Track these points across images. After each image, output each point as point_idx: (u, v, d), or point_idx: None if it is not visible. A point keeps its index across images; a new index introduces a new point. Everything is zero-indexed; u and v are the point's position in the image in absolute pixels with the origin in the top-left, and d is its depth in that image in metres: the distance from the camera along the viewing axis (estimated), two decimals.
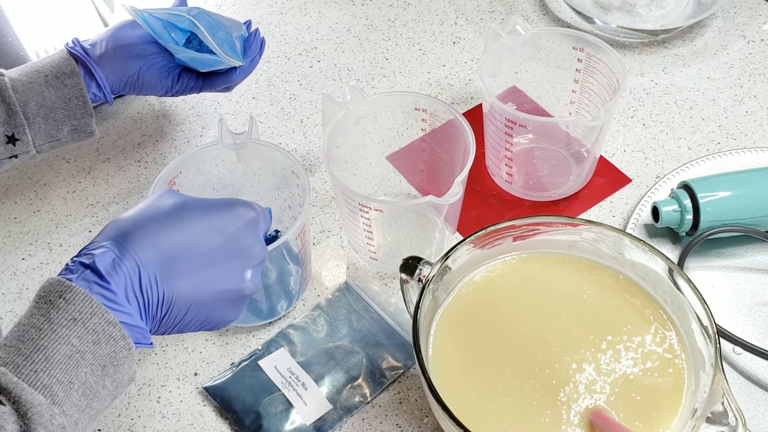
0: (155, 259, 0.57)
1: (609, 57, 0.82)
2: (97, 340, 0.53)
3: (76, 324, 0.53)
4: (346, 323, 0.78)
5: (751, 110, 0.94)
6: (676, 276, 0.67)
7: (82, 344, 0.53)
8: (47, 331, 0.53)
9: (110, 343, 0.54)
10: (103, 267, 0.55)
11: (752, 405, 0.72)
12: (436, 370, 0.66)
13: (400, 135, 0.89)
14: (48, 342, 0.52)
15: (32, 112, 0.77)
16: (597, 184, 0.88)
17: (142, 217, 0.59)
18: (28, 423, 0.50)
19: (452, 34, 1.04)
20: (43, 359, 0.52)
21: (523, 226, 0.71)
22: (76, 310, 0.53)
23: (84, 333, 0.53)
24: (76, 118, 0.79)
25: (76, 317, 0.53)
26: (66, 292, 0.53)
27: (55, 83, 0.77)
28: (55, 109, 0.78)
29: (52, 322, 0.53)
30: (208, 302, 0.59)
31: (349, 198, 0.74)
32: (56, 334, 0.53)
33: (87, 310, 0.53)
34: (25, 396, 0.50)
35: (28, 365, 0.52)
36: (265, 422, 0.71)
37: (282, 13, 1.08)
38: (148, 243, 0.57)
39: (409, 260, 0.69)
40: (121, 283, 0.55)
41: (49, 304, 0.53)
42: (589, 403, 0.64)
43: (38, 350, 0.52)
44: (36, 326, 0.53)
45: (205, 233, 0.59)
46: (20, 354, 0.52)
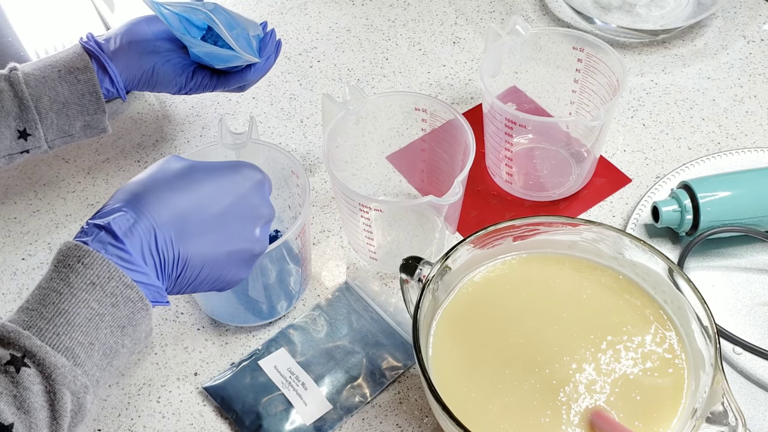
0: (169, 220, 0.59)
1: (609, 57, 0.82)
2: (116, 302, 0.55)
3: (95, 288, 0.55)
4: (346, 323, 0.78)
5: (751, 110, 0.94)
6: (676, 276, 0.67)
7: (101, 307, 0.55)
8: (67, 295, 0.54)
9: (128, 305, 0.56)
10: (118, 229, 0.57)
11: (752, 405, 0.72)
12: (436, 370, 0.66)
13: (400, 135, 0.89)
14: (68, 306, 0.54)
15: (45, 107, 0.76)
16: (597, 184, 0.88)
17: (153, 180, 0.60)
18: (52, 384, 0.53)
19: (452, 34, 1.04)
20: (64, 322, 0.54)
21: (523, 226, 0.71)
22: (95, 274, 0.55)
23: (103, 296, 0.55)
24: (89, 114, 0.79)
25: (95, 281, 0.55)
26: (84, 257, 0.55)
27: (69, 78, 0.77)
28: (68, 104, 0.77)
29: (71, 286, 0.55)
30: (220, 261, 0.62)
31: (349, 198, 0.74)
32: (76, 298, 0.54)
33: (105, 274, 0.55)
34: (49, 358, 0.52)
35: (51, 328, 0.53)
36: (265, 422, 0.71)
37: (282, 13, 1.08)
38: (162, 204, 0.59)
39: (409, 260, 0.69)
40: (137, 244, 0.57)
41: (68, 269, 0.55)
42: (589, 403, 0.64)
43: (60, 314, 0.54)
44: (56, 290, 0.55)
45: (215, 194, 0.61)
46: (42, 317, 0.54)
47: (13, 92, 0.75)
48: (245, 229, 0.63)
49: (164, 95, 0.98)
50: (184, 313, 0.80)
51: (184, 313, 0.80)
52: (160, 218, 0.58)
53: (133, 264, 0.56)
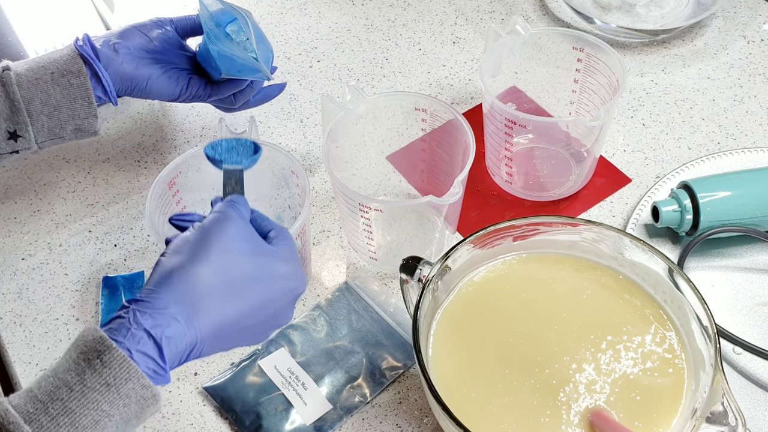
0: (209, 336, 0.58)
1: (609, 57, 0.82)
2: (128, 402, 0.54)
3: (109, 389, 0.53)
4: (346, 323, 0.78)
5: (751, 110, 0.94)
6: (676, 276, 0.67)
7: (111, 408, 0.53)
8: (78, 393, 0.53)
9: (140, 403, 0.55)
10: (168, 349, 0.56)
11: (752, 405, 0.72)
12: (436, 370, 0.66)
13: (400, 135, 0.89)
14: (76, 406, 0.53)
15: (36, 109, 0.75)
16: (597, 184, 0.88)
17: (216, 289, 0.59)
18: None
19: (452, 34, 1.04)
20: (68, 423, 0.52)
21: (523, 226, 0.71)
22: (111, 375, 0.53)
23: (116, 398, 0.54)
24: (80, 119, 0.78)
25: (110, 382, 0.53)
26: (104, 353, 0.54)
27: (62, 82, 0.76)
28: (60, 108, 0.76)
29: (84, 385, 0.53)
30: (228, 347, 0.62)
31: (349, 198, 0.74)
32: (86, 398, 0.53)
33: (123, 375, 0.54)
34: None
35: (53, 428, 0.52)
36: (265, 422, 0.71)
37: (282, 13, 1.08)
38: (211, 321, 0.58)
39: (409, 260, 0.69)
40: (174, 357, 0.56)
41: (87, 363, 0.54)
42: (589, 403, 0.64)
43: (65, 413, 0.52)
44: (68, 385, 0.53)
45: (258, 307, 0.61)
46: (47, 414, 0.52)
47: (5, 93, 0.74)
48: (265, 332, 0.63)
49: None
50: None
51: None
52: (202, 335, 0.58)
53: (161, 376, 0.56)
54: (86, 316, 0.80)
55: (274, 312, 0.62)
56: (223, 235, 0.61)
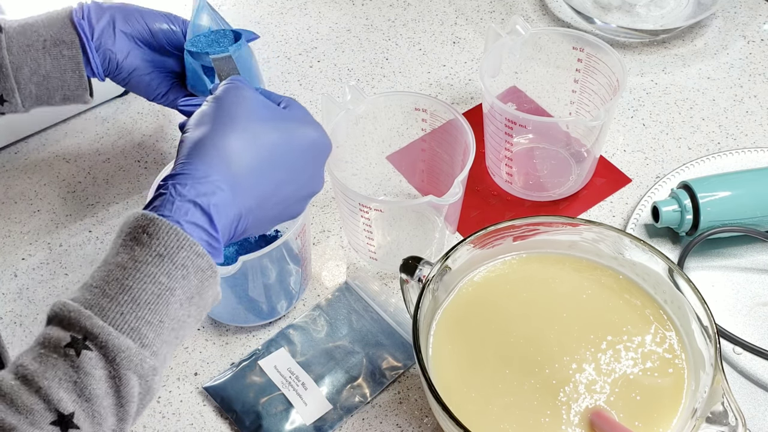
0: (253, 206, 0.58)
1: (609, 57, 0.82)
2: (186, 274, 0.52)
3: (163, 260, 0.51)
4: (346, 323, 0.78)
5: (751, 110, 0.94)
6: (676, 276, 0.67)
7: (170, 281, 0.51)
8: (132, 270, 0.51)
9: (198, 274, 0.53)
10: (218, 218, 0.55)
11: (752, 405, 0.72)
12: (436, 370, 0.66)
13: (400, 135, 0.89)
14: (133, 282, 0.51)
15: (24, 77, 0.73)
16: (597, 184, 0.88)
17: (251, 155, 0.58)
18: (117, 368, 0.49)
19: (452, 34, 1.04)
20: (129, 300, 0.50)
21: (523, 226, 0.71)
22: (162, 245, 0.51)
23: (172, 269, 0.51)
24: (69, 89, 0.76)
25: (162, 252, 0.51)
26: (149, 226, 0.52)
27: (53, 51, 0.73)
28: (49, 77, 0.74)
29: (136, 261, 0.51)
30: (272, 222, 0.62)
31: (349, 198, 0.74)
32: (141, 273, 0.51)
33: (174, 244, 0.52)
34: (113, 340, 0.49)
35: (114, 308, 0.50)
36: (265, 422, 0.71)
37: (282, 13, 1.08)
38: (251, 189, 0.57)
39: (409, 260, 0.69)
40: (224, 227, 0.56)
41: (134, 241, 0.52)
42: (589, 403, 0.64)
43: (124, 291, 0.50)
44: (121, 265, 0.51)
45: (292, 174, 0.61)
46: (105, 296, 0.50)
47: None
48: (301, 200, 0.64)
49: None
50: None
51: None
52: (246, 203, 0.57)
53: (215, 249, 0.55)
54: None
55: (308, 177, 0.62)
56: (243, 103, 0.59)
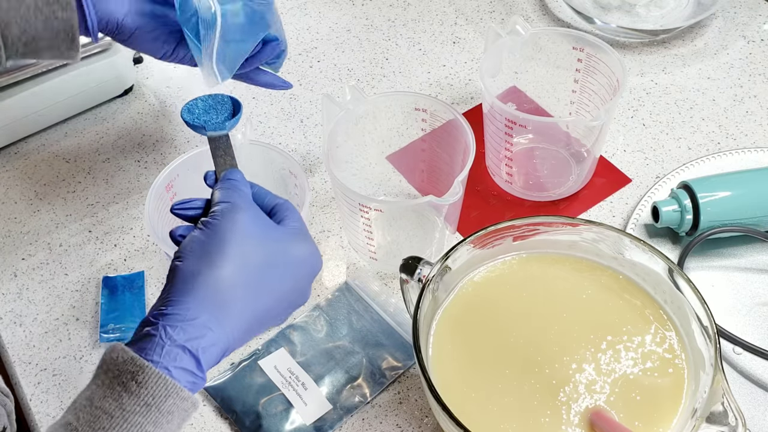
0: (240, 335, 0.57)
1: (609, 57, 0.82)
2: (171, 419, 0.53)
3: (150, 409, 0.52)
4: (346, 323, 0.78)
5: (751, 110, 0.94)
6: (676, 276, 0.67)
7: (155, 428, 0.52)
8: (119, 419, 0.51)
9: (181, 415, 0.53)
10: (205, 359, 0.54)
11: (752, 405, 0.72)
12: (436, 370, 0.66)
13: (400, 135, 0.89)
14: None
15: (12, 36, 0.67)
16: (597, 184, 0.88)
17: (242, 291, 0.57)
18: None
19: (452, 34, 1.04)
20: None
21: (523, 226, 0.71)
22: (150, 395, 0.52)
23: (158, 416, 0.52)
24: (59, 51, 0.70)
25: (150, 402, 0.52)
26: (138, 373, 0.52)
27: (45, 11, 0.67)
28: (39, 38, 0.68)
29: (124, 410, 0.51)
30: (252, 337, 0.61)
31: (349, 198, 0.74)
32: (128, 423, 0.51)
33: (161, 392, 0.52)
34: None
35: None
36: (265, 422, 0.71)
37: (282, 13, 1.07)
38: (240, 321, 0.57)
39: (409, 260, 0.69)
40: (210, 365, 0.55)
41: (122, 387, 0.52)
42: (589, 403, 0.64)
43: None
44: (108, 413, 0.51)
45: (281, 297, 0.60)
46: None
47: None
48: (285, 315, 0.63)
49: (165, 97, 0.98)
50: None
51: None
52: (234, 335, 0.57)
53: (198, 385, 0.55)
54: (86, 316, 0.80)
55: (296, 295, 0.62)
56: (237, 230, 0.59)
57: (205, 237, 0.58)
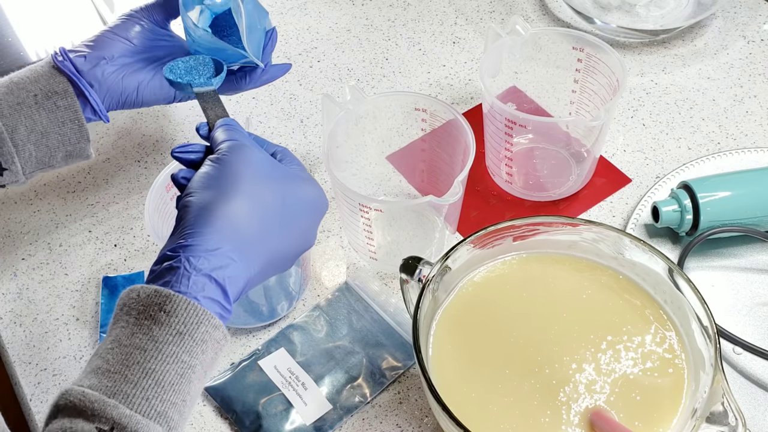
0: (259, 268, 0.58)
1: (609, 57, 0.82)
2: (205, 349, 0.51)
3: (183, 338, 0.50)
4: (346, 323, 0.78)
5: (751, 110, 0.94)
6: (676, 276, 0.67)
7: (191, 358, 0.50)
8: (153, 351, 0.49)
9: (214, 346, 0.52)
10: (231, 290, 0.54)
11: (752, 405, 0.72)
12: (436, 370, 0.66)
13: (400, 135, 0.89)
14: (156, 364, 0.49)
15: (21, 138, 0.68)
16: (597, 184, 0.88)
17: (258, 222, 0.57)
18: None
19: (452, 34, 1.04)
20: (153, 384, 0.49)
21: (523, 226, 0.71)
22: (181, 323, 0.50)
23: (193, 345, 0.51)
24: (71, 144, 0.72)
25: (182, 330, 0.50)
26: (165, 304, 0.50)
27: (47, 104, 0.69)
28: (48, 134, 0.70)
29: (156, 341, 0.50)
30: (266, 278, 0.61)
31: (349, 198, 0.74)
32: (163, 354, 0.49)
33: (193, 320, 0.51)
34: (142, 429, 0.47)
35: (139, 393, 0.48)
36: (265, 422, 0.71)
37: (282, 13, 1.08)
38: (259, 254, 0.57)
39: (409, 260, 0.69)
40: (235, 298, 0.55)
41: (151, 320, 0.50)
42: (589, 403, 0.64)
43: (147, 375, 0.49)
44: (140, 347, 0.49)
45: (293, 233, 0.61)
46: (128, 381, 0.48)
47: None
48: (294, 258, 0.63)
49: None
50: None
51: None
52: (255, 268, 0.57)
53: (225, 318, 0.54)
54: (86, 316, 0.80)
55: (306, 235, 0.62)
56: (248, 164, 0.58)
57: (217, 172, 0.58)
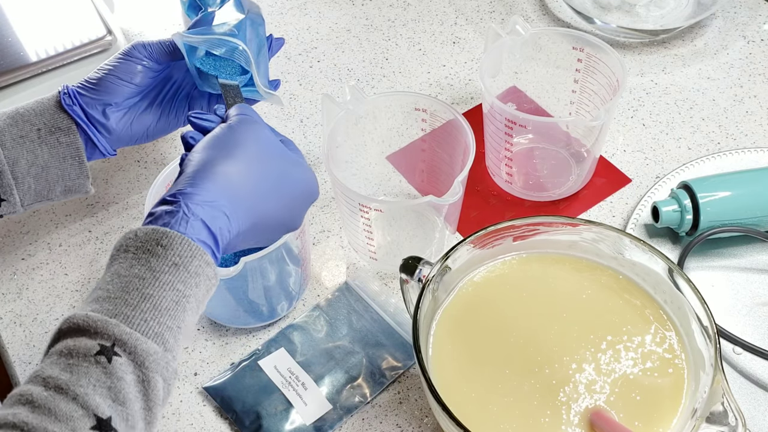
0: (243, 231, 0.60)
1: (609, 57, 0.82)
2: (198, 282, 0.55)
3: (178, 269, 0.54)
4: (346, 323, 0.78)
5: (751, 110, 0.94)
6: (676, 276, 0.67)
7: (186, 288, 0.54)
8: (150, 279, 0.53)
9: (206, 283, 0.56)
10: (221, 241, 0.57)
11: (752, 405, 0.72)
12: (436, 370, 0.66)
13: (400, 135, 0.89)
14: (153, 290, 0.53)
15: (22, 171, 0.70)
16: (597, 184, 0.88)
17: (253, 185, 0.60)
18: (146, 372, 0.51)
19: (452, 34, 1.04)
20: (151, 308, 0.53)
21: (523, 226, 0.71)
22: (176, 255, 0.54)
23: (187, 277, 0.54)
24: (70, 179, 0.73)
25: (177, 262, 0.54)
26: (162, 239, 0.54)
27: (50, 140, 0.71)
28: (48, 168, 0.71)
29: (154, 270, 0.53)
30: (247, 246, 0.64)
31: (349, 198, 0.74)
32: (160, 282, 0.53)
33: (187, 253, 0.54)
34: (141, 345, 0.51)
35: (138, 315, 0.52)
36: (265, 422, 0.71)
37: (282, 13, 1.08)
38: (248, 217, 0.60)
39: (409, 260, 0.69)
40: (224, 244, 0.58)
41: (148, 253, 0.54)
42: (589, 403, 0.64)
43: (145, 299, 0.53)
44: (139, 276, 0.53)
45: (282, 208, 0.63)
46: (128, 304, 0.52)
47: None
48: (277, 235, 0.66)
49: None
50: None
51: None
52: (240, 228, 0.59)
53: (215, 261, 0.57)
54: None
55: (293, 214, 0.65)
56: (255, 134, 0.62)
57: (224, 135, 0.62)
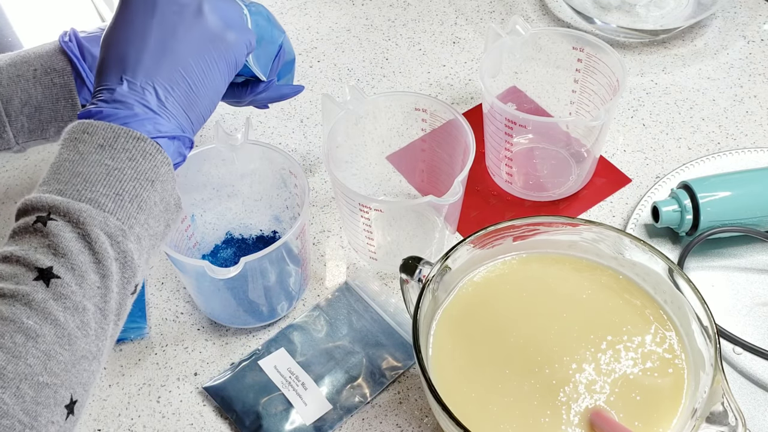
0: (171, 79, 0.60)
1: (609, 57, 0.82)
2: (132, 156, 0.55)
3: (104, 149, 0.55)
4: (346, 323, 0.78)
5: (751, 110, 0.94)
6: (676, 276, 0.67)
7: (116, 162, 0.55)
8: (79, 160, 0.54)
9: (147, 158, 0.56)
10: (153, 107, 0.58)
11: (752, 405, 0.72)
12: (436, 370, 0.66)
13: (400, 135, 0.89)
14: (83, 168, 0.54)
15: (15, 109, 0.71)
16: (597, 184, 0.88)
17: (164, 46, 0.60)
18: (83, 227, 0.52)
19: (452, 34, 1.04)
20: (82, 181, 0.54)
21: (523, 226, 0.71)
22: (101, 137, 0.55)
23: (114, 153, 0.55)
24: (63, 121, 0.74)
25: (102, 143, 0.55)
26: (87, 128, 0.55)
27: (44, 80, 0.72)
28: (41, 108, 0.72)
29: (81, 153, 0.55)
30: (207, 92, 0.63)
31: (349, 198, 0.74)
32: (88, 161, 0.54)
33: (110, 135, 0.55)
34: (73, 205, 0.52)
35: (70, 188, 0.53)
36: (265, 422, 0.71)
37: (282, 13, 1.08)
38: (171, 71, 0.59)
39: (409, 260, 0.69)
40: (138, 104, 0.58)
41: (75, 141, 0.55)
42: (589, 403, 0.64)
43: (75, 175, 0.54)
44: (68, 159, 0.55)
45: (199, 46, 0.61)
46: (60, 182, 0.53)
47: None
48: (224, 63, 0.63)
49: None
50: (184, 313, 0.80)
51: (184, 313, 0.80)
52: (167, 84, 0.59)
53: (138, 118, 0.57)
54: None
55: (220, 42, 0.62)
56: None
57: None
